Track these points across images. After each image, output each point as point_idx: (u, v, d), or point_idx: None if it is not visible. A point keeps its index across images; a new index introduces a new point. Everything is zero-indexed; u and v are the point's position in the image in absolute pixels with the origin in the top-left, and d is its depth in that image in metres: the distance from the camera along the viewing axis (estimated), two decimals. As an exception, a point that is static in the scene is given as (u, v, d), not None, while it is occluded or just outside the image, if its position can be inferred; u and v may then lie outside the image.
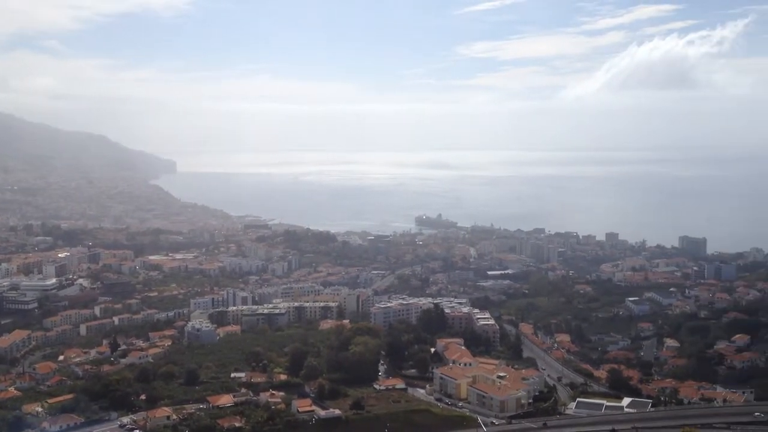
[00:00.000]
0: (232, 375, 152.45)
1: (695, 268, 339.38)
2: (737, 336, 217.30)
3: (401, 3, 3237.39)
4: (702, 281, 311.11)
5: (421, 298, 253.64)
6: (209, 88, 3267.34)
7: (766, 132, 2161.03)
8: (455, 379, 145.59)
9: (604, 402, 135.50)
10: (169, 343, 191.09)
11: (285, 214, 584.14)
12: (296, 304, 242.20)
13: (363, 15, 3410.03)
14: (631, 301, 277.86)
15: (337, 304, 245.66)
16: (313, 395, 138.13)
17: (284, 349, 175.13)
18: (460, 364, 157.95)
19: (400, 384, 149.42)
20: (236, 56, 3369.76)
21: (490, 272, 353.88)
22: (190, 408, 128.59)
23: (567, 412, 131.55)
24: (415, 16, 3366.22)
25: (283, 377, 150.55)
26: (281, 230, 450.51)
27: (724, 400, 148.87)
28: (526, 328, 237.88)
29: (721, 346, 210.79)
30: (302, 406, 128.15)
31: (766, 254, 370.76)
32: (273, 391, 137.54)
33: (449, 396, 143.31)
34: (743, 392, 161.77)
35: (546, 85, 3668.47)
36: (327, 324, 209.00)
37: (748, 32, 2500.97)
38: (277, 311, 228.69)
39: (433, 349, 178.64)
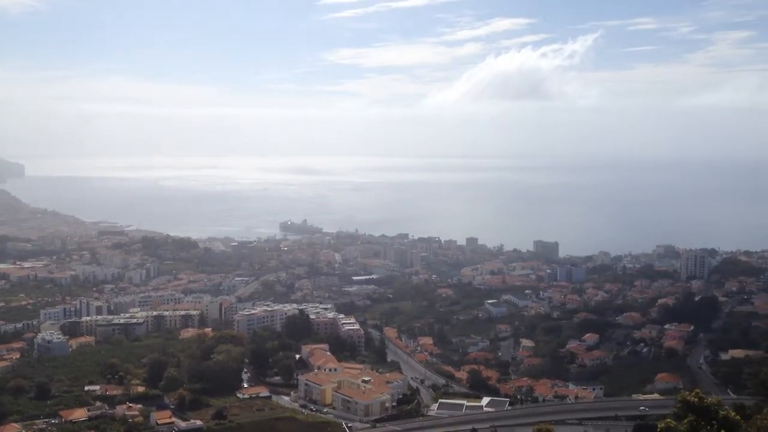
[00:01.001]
0: (87, 388, 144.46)
1: (548, 270, 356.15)
2: (587, 335, 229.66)
3: (264, 6, 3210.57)
4: (555, 283, 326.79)
5: (286, 305, 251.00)
6: (59, 88, 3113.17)
7: (614, 141, 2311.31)
8: (320, 385, 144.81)
9: (465, 402, 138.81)
10: (18, 356, 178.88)
11: (143, 220, 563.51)
12: (155, 313, 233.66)
13: (225, 17, 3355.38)
14: (489, 303, 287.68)
15: (198, 312, 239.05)
16: (173, 407, 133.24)
17: (142, 360, 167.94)
18: (325, 370, 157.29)
19: (264, 392, 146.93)
20: (88, 55, 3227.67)
21: (355, 277, 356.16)
22: (41, 424, 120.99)
23: (430, 413, 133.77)
24: (278, 21, 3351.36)
25: (141, 389, 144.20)
26: (139, 237, 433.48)
27: (576, 397, 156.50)
28: (390, 332, 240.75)
29: (572, 345, 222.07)
30: (161, 418, 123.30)
31: (613, 257, 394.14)
32: (130, 404, 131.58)
33: (314, 402, 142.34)
34: (593, 389, 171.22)
35: (409, 93, 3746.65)
36: (188, 333, 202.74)
37: (597, 47, 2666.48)
38: (134, 321, 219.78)
39: (298, 356, 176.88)
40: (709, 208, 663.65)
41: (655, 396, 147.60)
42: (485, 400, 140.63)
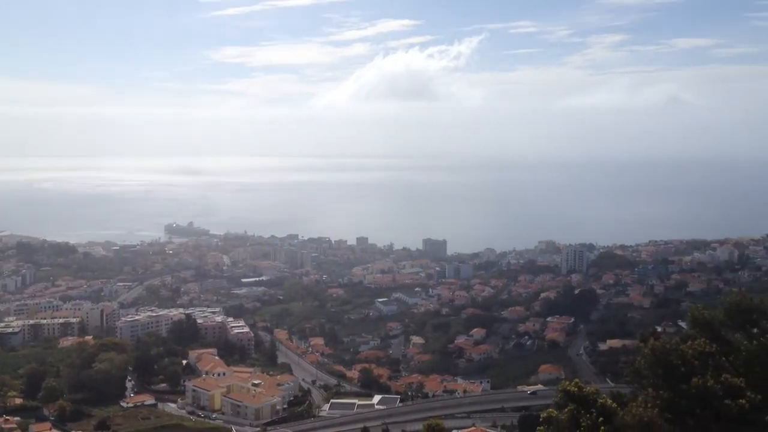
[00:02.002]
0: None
1: (437, 268, 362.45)
2: (475, 330, 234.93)
3: (143, 2, 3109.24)
4: (443, 280, 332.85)
5: (172, 309, 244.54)
6: None
7: (500, 140, 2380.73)
8: (208, 390, 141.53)
9: (356, 401, 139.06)
10: None
11: (17, 225, 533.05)
12: (32, 321, 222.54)
13: (102, 14, 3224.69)
14: (380, 302, 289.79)
15: (78, 319, 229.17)
16: (53, 418, 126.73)
17: (19, 370, 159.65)
18: (213, 375, 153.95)
19: (149, 400, 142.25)
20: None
21: (244, 280, 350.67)
22: None
23: (321, 414, 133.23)
24: (159, 18, 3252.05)
25: (18, 401, 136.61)
26: (13, 242, 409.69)
27: (465, 391, 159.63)
28: (281, 334, 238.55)
29: (460, 340, 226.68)
30: (41, 430, 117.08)
31: (499, 253, 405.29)
32: (6, 417, 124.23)
33: (203, 408, 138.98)
34: (481, 382, 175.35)
35: (297, 93, 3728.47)
36: (67, 341, 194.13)
37: (481, 49, 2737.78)
38: (9, 330, 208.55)
39: (185, 361, 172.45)
40: (588, 204, 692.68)
41: (539, 386, 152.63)
42: (376, 399, 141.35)
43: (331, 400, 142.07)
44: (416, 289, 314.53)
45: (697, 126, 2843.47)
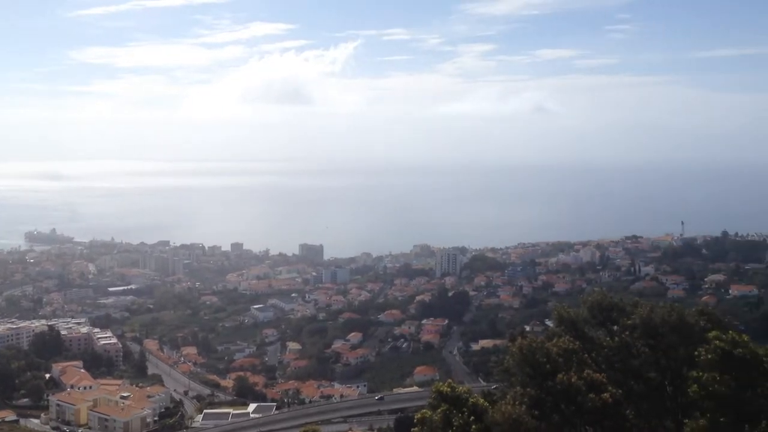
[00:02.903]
0: None
1: (314, 273, 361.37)
2: (351, 334, 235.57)
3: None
4: (320, 285, 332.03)
5: (34, 321, 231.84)
6: None
7: (376, 146, 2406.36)
8: (74, 405, 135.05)
9: (231, 411, 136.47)
10: None
11: None
12: None
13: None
14: (256, 308, 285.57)
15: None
16: None
17: None
18: (79, 388, 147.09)
19: (10, 416, 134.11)
20: None
21: (111, 288, 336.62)
22: None
23: (194, 425, 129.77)
24: (19, 16, 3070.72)
25: None
26: None
27: (341, 396, 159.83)
28: (151, 344, 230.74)
29: (337, 345, 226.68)
30: None
31: (375, 257, 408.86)
32: None
33: (68, 423, 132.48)
34: (357, 386, 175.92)
35: (168, 95, 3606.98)
36: None
37: (357, 54, 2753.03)
38: None
39: (48, 375, 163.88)
40: (461, 208, 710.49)
41: (414, 388, 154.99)
42: (252, 407, 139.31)
43: (205, 411, 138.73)
44: (293, 294, 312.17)
45: (561, 133, 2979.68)
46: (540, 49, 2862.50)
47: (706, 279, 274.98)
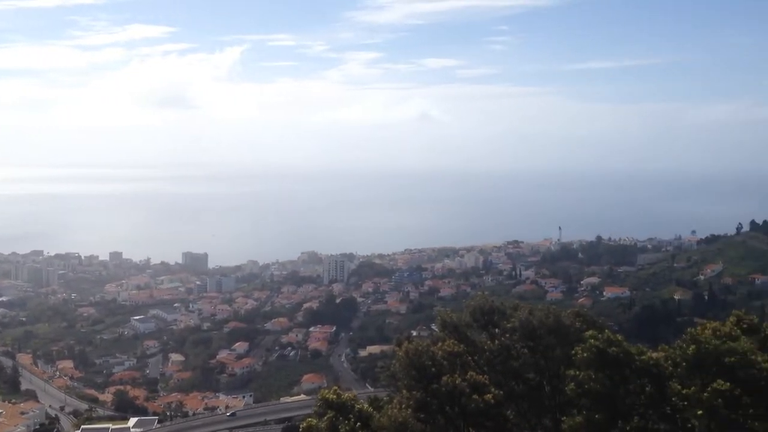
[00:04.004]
0: None
1: (198, 282, 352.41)
2: (237, 344, 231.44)
3: None
4: (205, 295, 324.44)
5: None
6: None
7: (264, 152, 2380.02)
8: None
9: (110, 425, 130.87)
10: None
11: None
12: None
13: None
14: (136, 319, 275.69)
15: None
16: None
17: None
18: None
19: None
20: None
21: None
22: None
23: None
24: None
25: None
26: None
27: (227, 407, 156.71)
28: (25, 359, 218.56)
29: (222, 355, 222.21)
30: None
31: (262, 265, 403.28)
32: None
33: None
34: (243, 396, 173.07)
35: (42, 98, 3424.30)
36: None
37: (243, 59, 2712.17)
38: None
39: None
40: (349, 215, 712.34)
41: (302, 397, 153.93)
42: (132, 421, 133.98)
43: (82, 426, 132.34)
44: (175, 304, 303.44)
45: (446, 140, 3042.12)
46: (425, 58, 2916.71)
47: (582, 282, 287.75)
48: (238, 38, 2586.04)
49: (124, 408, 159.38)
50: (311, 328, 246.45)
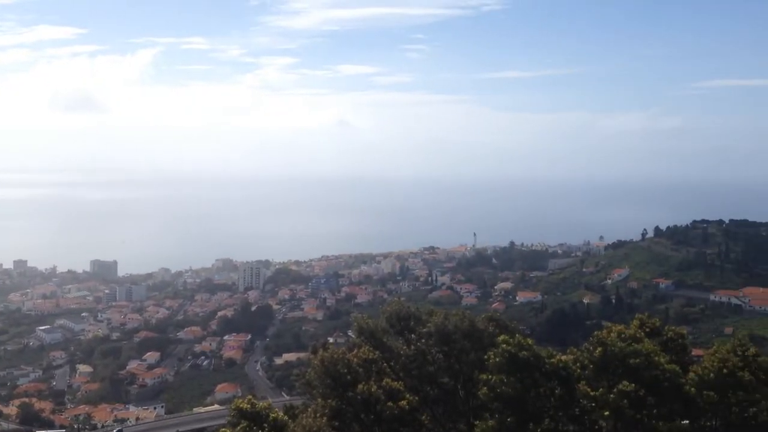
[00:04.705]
0: None
1: (107, 291, 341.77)
2: (148, 354, 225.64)
3: None
4: (114, 304, 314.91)
5: None
6: None
7: (176, 156, 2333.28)
8: None
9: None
10: None
11: None
12: None
13: None
14: (42, 329, 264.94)
15: None
16: None
17: None
18: None
19: None
20: None
21: None
22: None
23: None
24: None
25: None
26: None
27: (137, 418, 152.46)
28: None
29: (133, 365, 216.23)
30: None
31: (174, 273, 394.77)
32: None
33: None
34: (155, 407, 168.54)
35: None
36: None
37: (156, 62, 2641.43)
38: None
39: None
40: (265, 221, 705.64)
41: (216, 407, 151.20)
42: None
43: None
44: (83, 314, 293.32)
45: (364, 147, 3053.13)
46: (341, 64, 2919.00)
47: (496, 287, 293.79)
48: (150, 40, 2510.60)
49: (29, 421, 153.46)
50: (226, 337, 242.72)
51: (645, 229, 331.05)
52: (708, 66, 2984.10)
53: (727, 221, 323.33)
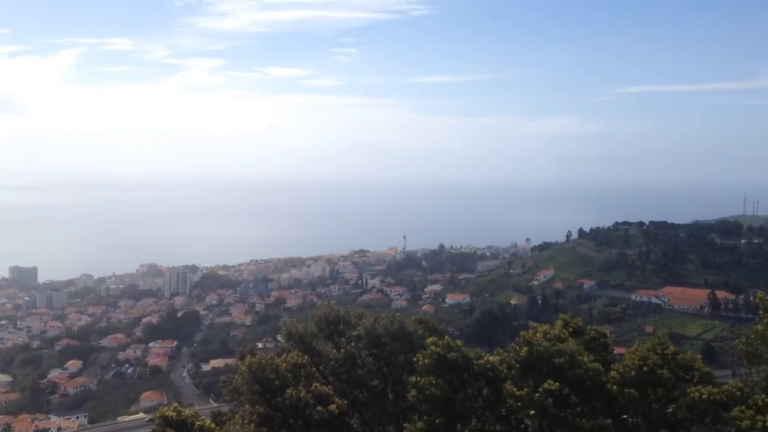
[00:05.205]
0: None
1: (27, 298, 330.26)
2: (70, 362, 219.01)
3: None
4: (34, 311, 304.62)
5: None
6: None
7: (100, 159, 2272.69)
8: None
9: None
10: None
11: None
12: None
13: None
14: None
15: None
16: None
17: None
18: None
19: None
20: None
21: None
22: None
23: None
24: None
25: None
26: None
27: (59, 429, 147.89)
28: None
29: (54, 374, 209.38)
30: None
31: (97, 279, 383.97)
32: None
33: None
34: (77, 417, 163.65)
35: None
36: None
37: (79, 63, 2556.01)
38: None
39: None
40: (192, 225, 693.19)
41: (141, 415, 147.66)
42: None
43: None
44: (2, 322, 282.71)
45: (294, 150, 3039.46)
46: (269, 66, 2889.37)
47: (425, 289, 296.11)
48: (72, 41, 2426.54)
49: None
50: (151, 344, 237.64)
51: (569, 231, 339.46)
52: (626, 73, 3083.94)
53: (647, 223, 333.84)
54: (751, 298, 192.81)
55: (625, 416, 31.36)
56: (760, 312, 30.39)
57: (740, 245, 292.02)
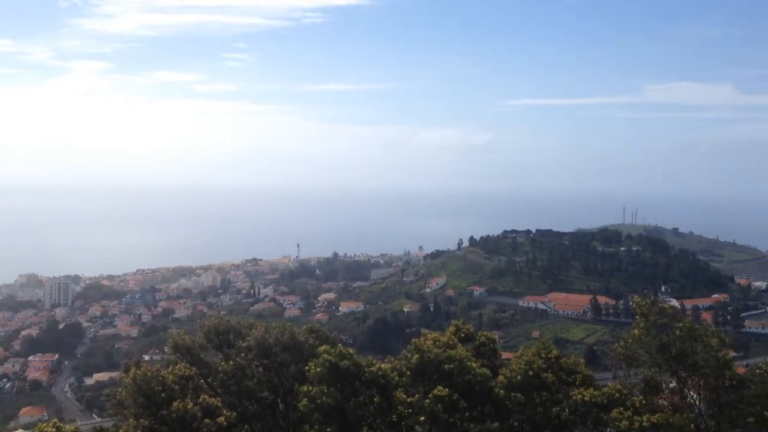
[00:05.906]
0: None
1: None
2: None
3: None
4: None
5: None
6: None
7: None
8: None
9: None
10: None
11: None
12: None
13: None
14: None
15: None
16: None
17: None
18: None
19: None
20: None
21: None
22: None
23: None
24: None
25: None
26: None
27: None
28: None
29: None
30: None
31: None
32: None
33: None
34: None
35: None
36: None
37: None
38: None
39: None
40: (76, 234, 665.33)
41: (20, 431, 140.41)
42: None
43: None
44: None
45: (183, 156, 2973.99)
46: (159, 70, 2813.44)
47: (319, 298, 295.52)
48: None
49: None
50: (30, 357, 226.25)
51: (461, 239, 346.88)
52: (516, 85, 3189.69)
53: (533, 231, 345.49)
54: (630, 303, 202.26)
55: (511, 420, 32.12)
56: (637, 316, 31.89)
57: (620, 252, 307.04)
